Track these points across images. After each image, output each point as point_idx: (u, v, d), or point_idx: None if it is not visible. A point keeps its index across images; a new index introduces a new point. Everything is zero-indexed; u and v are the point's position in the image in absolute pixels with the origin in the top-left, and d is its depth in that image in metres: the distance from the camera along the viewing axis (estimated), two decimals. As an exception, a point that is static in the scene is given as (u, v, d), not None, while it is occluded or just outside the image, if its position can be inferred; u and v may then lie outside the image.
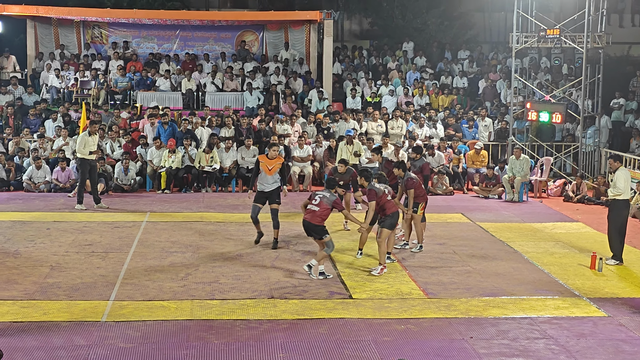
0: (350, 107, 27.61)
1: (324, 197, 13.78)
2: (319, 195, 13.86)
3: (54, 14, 29.63)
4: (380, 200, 14.15)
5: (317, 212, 13.67)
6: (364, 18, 39.07)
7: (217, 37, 31.53)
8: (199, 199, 21.62)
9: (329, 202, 13.75)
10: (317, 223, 13.68)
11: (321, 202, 13.71)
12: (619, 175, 15.01)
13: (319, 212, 13.67)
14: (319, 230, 13.70)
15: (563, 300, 12.70)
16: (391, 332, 11.05)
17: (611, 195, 15.18)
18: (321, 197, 13.79)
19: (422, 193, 15.83)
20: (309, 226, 13.73)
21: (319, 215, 13.66)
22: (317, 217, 13.67)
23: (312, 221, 13.67)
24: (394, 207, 14.38)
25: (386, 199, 14.21)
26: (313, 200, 13.80)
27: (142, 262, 14.61)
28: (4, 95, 27.16)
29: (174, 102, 27.57)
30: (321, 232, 13.69)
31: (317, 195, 13.89)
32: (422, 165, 16.78)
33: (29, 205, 20.33)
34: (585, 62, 24.04)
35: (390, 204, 14.27)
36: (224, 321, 11.37)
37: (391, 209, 14.25)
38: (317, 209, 13.68)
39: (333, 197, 13.86)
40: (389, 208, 14.23)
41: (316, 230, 13.70)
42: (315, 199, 13.79)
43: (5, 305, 11.86)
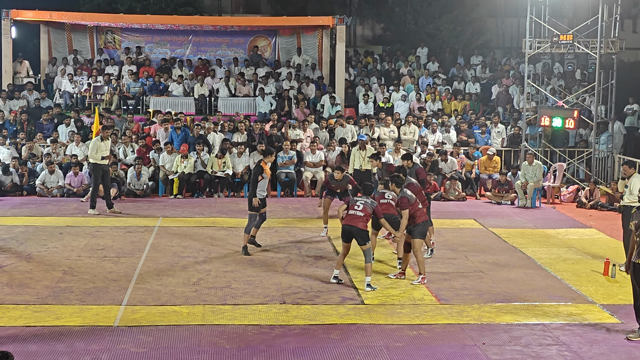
0: (363, 112, 27.61)
1: (367, 203, 13.66)
2: (361, 201, 13.70)
3: (67, 19, 29.77)
4: (412, 208, 14.02)
5: (362, 217, 13.53)
6: (377, 23, 39.15)
7: (230, 42, 31.59)
8: (211, 204, 21.64)
9: (371, 208, 13.66)
10: (363, 227, 13.54)
11: (365, 208, 13.59)
12: (635, 182, 14.96)
13: (364, 217, 13.55)
14: (365, 235, 13.54)
15: (576, 307, 12.64)
16: (403, 338, 11.02)
17: (627, 202, 15.10)
18: (364, 202, 13.65)
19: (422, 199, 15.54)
20: (356, 231, 13.49)
21: (362, 220, 13.55)
22: (362, 222, 13.55)
23: (357, 225, 13.48)
24: (425, 216, 14.19)
25: (417, 207, 14.07)
26: (356, 206, 13.62)
27: (154, 267, 14.62)
28: (17, 100, 27.28)
29: (186, 108, 27.62)
30: (366, 237, 13.55)
31: (358, 201, 13.71)
32: (417, 170, 16.64)
33: (42, 209, 20.39)
34: (599, 68, 23.97)
35: (420, 212, 14.08)
36: (236, 326, 11.37)
37: (421, 218, 14.05)
38: (361, 214, 13.53)
39: (374, 203, 13.80)
40: (419, 216, 14.04)
41: (362, 235, 13.51)
42: (358, 205, 13.61)
43: (18, 310, 11.90)
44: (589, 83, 27.01)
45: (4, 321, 11.38)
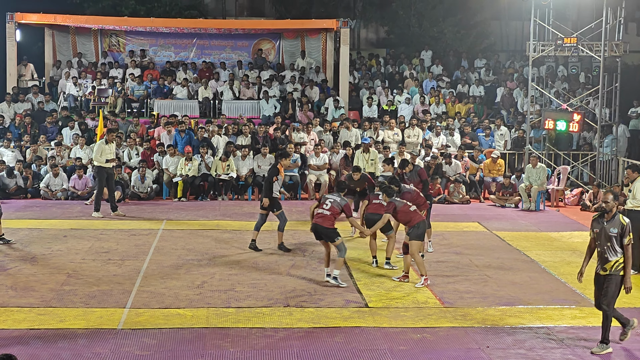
0: (367, 115, 27.63)
1: (335, 201, 13.82)
2: (330, 199, 13.88)
3: (71, 22, 29.79)
4: (401, 212, 14.01)
5: (328, 215, 13.68)
6: (381, 26, 39.15)
7: (234, 45, 31.61)
8: (215, 207, 21.65)
9: (339, 206, 13.79)
10: (328, 226, 13.68)
11: (332, 207, 13.73)
12: (638, 186, 14.95)
13: (330, 215, 13.69)
14: (331, 234, 13.69)
15: (580, 310, 12.63)
16: (407, 341, 11.02)
17: (630, 206, 15.09)
18: (332, 201, 13.83)
19: (422, 202, 15.58)
20: (321, 230, 13.73)
21: (329, 219, 13.68)
22: (329, 221, 13.68)
23: (323, 224, 13.67)
24: (419, 218, 14.13)
25: (408, 210, 14.05)
26: (324, 205, 13.80)
27: (158, 270, 14.64)
28: (22, 103, 27.31)
29: (190, 110, 27.63)
30: (333, 235, 13.69)
31: (327, 199, 13.91)
32: (418, 171, 16.65)
33: (46, 212, 20.42)
34: (603, 71, 23.94)
35: (414, 214, 14.04)
36: (240, 329, 11.37)
37: (416, 220, 14.01)
38: (328, 213, 13.69)
39: (344, 201, 13.92)
40: (414, 219, 14.03)
41: (328, 234, 13.70)
42: (326, 203, 13.80)
43: (22, 313, 11.91)
44: (593, 86, 26.99)
45: (8, 324, 11.39)
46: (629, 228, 10.68)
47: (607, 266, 10.70)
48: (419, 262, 13.94)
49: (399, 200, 14.20)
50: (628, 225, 10.69)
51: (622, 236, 10.65)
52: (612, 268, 10.68)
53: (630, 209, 15.05)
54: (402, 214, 14.04)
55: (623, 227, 10.65)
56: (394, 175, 16.60)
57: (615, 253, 10.67)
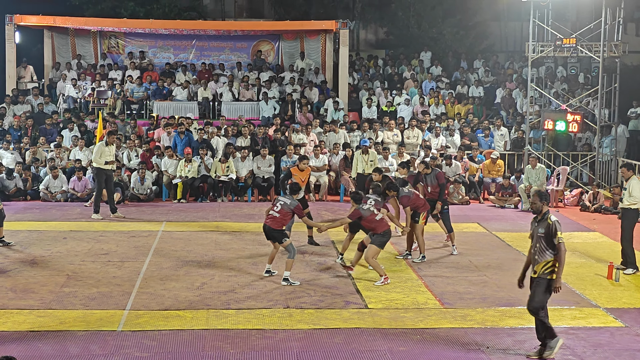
0: (366, 116, 27.63)
1: (285, 204, 14.14)
2: (281, 202, 14.21)
3: (71, 24, 29.82)
4: (366, 220, 14.26)
5: (277, 217, 14.04)
6: (380, 27, 39.14)
7: (233, 46, 31.63)
8: (214, 209, 21.65)
9: (289, 209, 14.12)
10: (277, 228, 14.06)
11: (282, 209, 14.09)
12: (634, 185, 15.10)
13: (279, 218, 14.04)
14: (279, 235, 14.09)
15: (580, 311, 12.63)
16: (407, 342, 11.02)
17: (626, 204, 15.23)
18: (282, 203, 14.16)
19: (421, 203, 15.73)
20: (270, 231, 14.12)
21: (279, 221, 14.07)
22: (277, 223, 14.07)
23: (272, 226, 14.06)
24: (386, 226, 14.27)
25: (374, 219, 14.21)
26: (275, 207, 14.16)
27: (158, 272, 14.64)
28: (22, 105, 27.31)
29: (190, 112, 27.64)
30: (281, 236, 14.08)
31: (278, 201, 14.25)
32: (437, 174, 16.71)
33: (46, 214, 20.42)
34: (602, 71, 23.95)
35: (379, 223, 14.21)
36: (240, 331, 11.38)
37: (382, 228, 14.18)
38: (278, 215, 14.05)
39: (294, 203, 14.23)
40: (380, 227, 14.18)
41: (276, 235, 14.10)
42: (276, 206, 14.16)
43: (22, 314, 11.91)
44: (592, 86, 26.99)
45: (8, 326, 11.40)
46: (555, 227, 10.37)
47: (537, 268, 10.45)
48: (375, 265, 14.13)
49: (365, 208, 14.34)
50: (554, 224, 10.39)
51: (551, 236, 10.35)
52: (540, 270, 10.40)
53: (626, 207, 15.18)
54: (367, 222, 14.29)
55: (549, 227, 10.37)
56: (391, 180, 16.68)
57: (543, 254, 10.40)
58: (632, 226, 15.30)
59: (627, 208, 15.22)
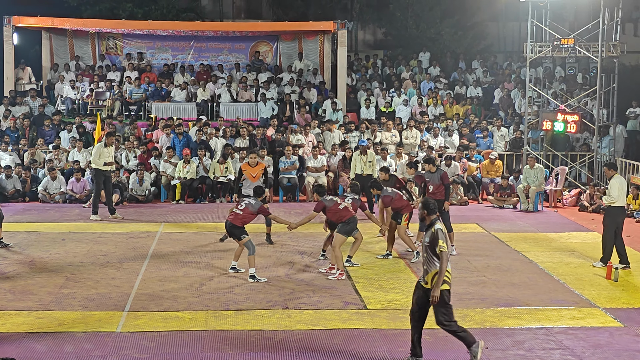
0: (365, 117, 27.62)
1: (249, 204, 14.54)
2: (245, 201, 14.63)
3: (69, 25, 29.82)
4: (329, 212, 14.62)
5: (239, 215, 14.41)
6: (378, 28, 39.17)
7: (232, 47, 31.63)
8: (213, 209, 21.64)
9: (253, 209, 14.50)
10: (237, 224, 14.39)
11: (246, 208, 14.47)
12: (613, 184, 15.37)
13: (241, 215, 14.41)
14: (238, 232, 14.41)
15: (579, 311, 12.63)
16: (406, 343, 10.99)
17: (606, 202, 15.57)
18: (247, 203, 14.58)
19: (404, 204, 15.79)
20: (228, 226, 14.51)
21: (241, 219, 14.42)
22: (239, 220, 14.41)
23: (233, 222, 14.40)
24: (349, 214, 14.55)
25: (338, 209, 14.55)
26: (239, 205, 14.59)
27: (156, 273, 14.63)
28: (20, 106, 27.29)
29: (188, 113, 27.66)
30: (240, 233, 14.40)
31: (243, 201, 14.67)
32: (442, 175, 16.65)
33: (44, 216, 20.41)
34: (600, 71, 23.96)
35: (344, 211, 14.53)
36: (239, 332, 11.37)
37: (347, 216, 14.50)
38: (240, 213, 14.41)
39: (258, 204, 14.60)
40: (345, 215, 14.51)
41: (235, 232, 14.44)
42: (241, 204, 14.57)
43: (21, 316, 11.90)
44: (590, 87, 26.99)
45: (7, 327, 11.39)
46: (437, 235, 9.93)
47: (427, 278, 10.10)
48: (338, 256, 14.36)
49: (329, 199, 14.75)
50: (437, 232, 9.95)
51: (434, 245, 9.97)
52: (431, 281, 10.05)
53: (609, 206, 15.48)
54: (331, 212, 14.64)
55: (432, 236, 9.99)
56: (375, 179, 16.77)
57: (431, 264, 10.04)
58: (614, 224, 15.46)
59: (608, 206, 15.53)
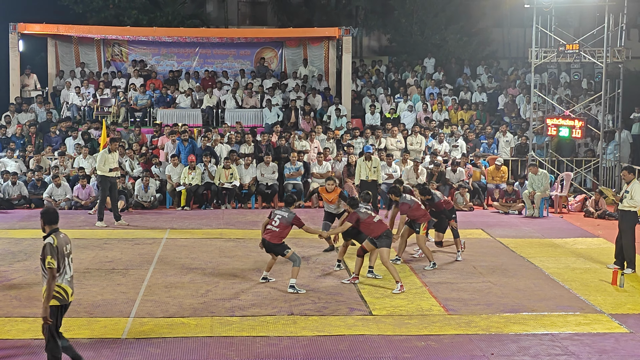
0: (370, 123, 27.65)
1: (283, 218, 14.03)
2: (278, 215, 14.08)
3: (74, 32, 29.88)
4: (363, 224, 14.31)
5: (276, 232, 13.95)
6: (383, 34, 39.20)
7: (237, 54, 31.68)
8: (218, 216, 21.66)
9: (287, 222, 14.03)
10: (276, 242, 13.97)
11: (280, 223, 13.98)
12: (637, 188, 15.21)
13: (278, 232, 13.95)
14: (280, 249, 14.00)
15: (584, 317, 12.61)
16: (411, 349, 11.01)
17: (626, 206, 15.34)
18: (280, 217, 14.04)
19: (421, 213, 15.71)
20: (269, 245, 14.02)
21: (278, 235, 13.95)
22: (277, 237, 13.96)
23: (271, 240, 13.96)
24: (385, 227, 14.36)
25: (372, 221, 14.28)
26: (273, 222, 14.05)
27: (162, 279, 14.64)
28: (26, 113, 27.35)
29: (193, 119, 27.69)
30: (282, 249, 14.00)
31: (276, 215, 14.11)
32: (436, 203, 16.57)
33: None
34: (605, 77, 23.95)
35: (378, 225, 14.28)
36: (244, 338, 11.37)
37: (382, 229, 14.26)
38: (276, 229, 13.95)
39: (292, 215, 14.11)
40: (380, 229, 14.25)
41: (276, 250, 14.03)
42: (275, 220, 14.03)
43: (27, 322, 11.92)
44: (595, 92, 26.98)
45: (12, 334, 11.41)
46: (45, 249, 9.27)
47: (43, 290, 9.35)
48: (392, 270, 14.15)
49: (363, 212, 14.41)
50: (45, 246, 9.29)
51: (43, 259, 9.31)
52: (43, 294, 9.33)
53: (626, 210, 15.36)
54: (365, 225, 14.33)
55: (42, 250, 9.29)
56: (396, 185, 16.58)
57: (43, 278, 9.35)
58: (633, 228, 15.44)
59: (627, 210, 15.35)
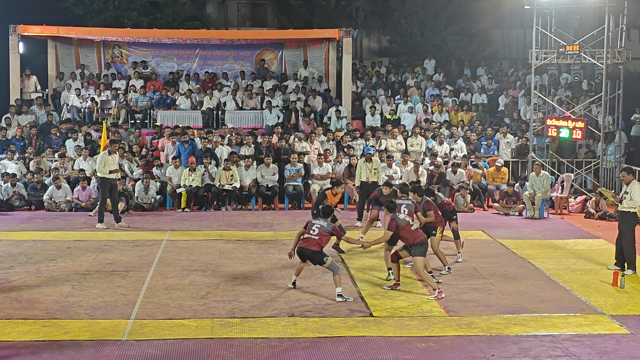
0: (370, 124, 27.64)
1: (322, 227, 13.91)
2: (317, 225, 13.93)
3: (74, 34, 29.88)
4: (401, 231, 14.04)
5: (316, 240, 13.78)
6: (383, 35, 39.20)
7: (237, 55, 31.67)
8: (219, 218, 21.65)
9: (327, 231, 13.90)
10: (315, 250, 13.76)
11: (320, 232, 13.83)
12: (636, 189, 15.25)
13: (317, 240, 13.79)
14: (319, 257, 13.77)
15: (585, 318, 12.60)
16: (412, 351, 11.00)
17: (626, 207, 15.36)
18: (319, 226, 13.89)
19: (438, 219, 15.66)
20: (307, 254, 13.82)
21: (317, 243, 13.78)
22: (315, 245, 13.77)
23: (310, 248, 13.76)
24: (422, 236, 14.13)
25: (410, 229, 14.05)
26: (311, 231, 13.88)
27: (162, 281, 14.63)
28: (25, 115, 27.34)
29: (193, 121, 27.69)
30: (321, 257, 13.75)
31: (314, 225, 13.95)
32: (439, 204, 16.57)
33: (50, 224, 20.43)
34: (605, 78, 23.94)
35: (416, 233, 14.06)
36: (245, 339, 11.36)
37: (420, 238, 14.03)
38: (316, 238, 13.79)
39: (330, 225, 14.05)
40: (417, 237, 14.02)
41: (315, 258, 13.80)
42: (313, 229, 13.87)
43: (27, 324, 11.91)
44: (595, 93, 26.96)
45: (13, 336, 11.40)
46: None
47: None
48: (428, 279, 14.02)
49: (402, 218, 14.21)
50: None
51: None
52: None
53: (626, 211, 15.38)
54: (404, 232, 14.05)
55: None
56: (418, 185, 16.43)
57: None
58: (633, 229, 15.46)
59: (627, 211, 15.38)
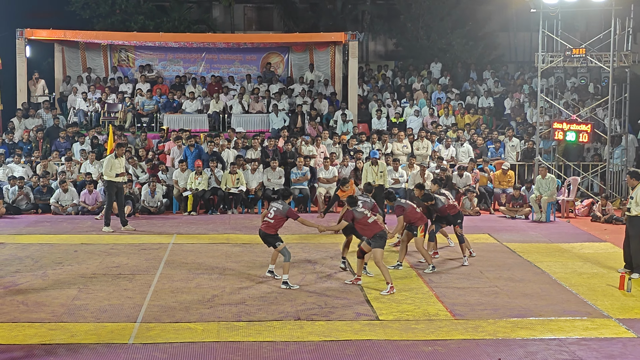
0: (376, 128, 27.64)
1: (278, 210, 14.63)
2: (274, 208, 14.71)
3: (81, 38, 29.94)
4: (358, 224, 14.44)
5: (271, 223, 14.60)
6: (389, 39, 39.24)
7: (243, 59, 31.70)
8: (225, 221, 21.66)
9: (282, 214, 14.59)
10: (271, 232, 14.61)
11: (275, 215, 14.60)
12: None
13: (273, 223, 14.60)
14: (272, 240, 14.69)
15: (592, 321, 12.58)
16: (418, 354, 10.99)
17: (634, 212, 15.29)
18: (275, 209, 14.66)
19: (417, 217, 15.65)
20: (264, 236, 14.72)
21: (273, 226, 14.62)
22: (271, 228, 14.62)
23: (266, 231, 14.65)
24: (379, 228, 14.37)
25: (367, 222, 14.36)
26: (269, 214, 14.67)
27: (168, 284, 14.65)
28: (33, 118, 27.39)
29: (200, 125, 27.71)
30: (274, 241, 14.68)
31: (271, 208, 14.76)
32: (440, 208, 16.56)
33: (57, 227, 20.46)
34: (612, 81, 23.89)
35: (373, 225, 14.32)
36: (251, 343, 11.37)
37: (376, 230, 14.30)
38: (272, 221, 14.61)
39: (286, 207, 14.68)
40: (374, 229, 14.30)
41: (269, 240, 14.72)
42: (270, 212, 14.67)
43: (33, 328, 11.93)
44: (602, 96, 26.94)
45: (20, 339, 11.41)
46: None
47: None
48: (384, 271, 14.29)
49: (359, 211, 14.58)
50: None
51: None
52: None
53: (634, 215, 15.35)
54: (360, 225, 14.45)
55: None
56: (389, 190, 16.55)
57: None
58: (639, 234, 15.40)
59: (635, 216, 15.31)
